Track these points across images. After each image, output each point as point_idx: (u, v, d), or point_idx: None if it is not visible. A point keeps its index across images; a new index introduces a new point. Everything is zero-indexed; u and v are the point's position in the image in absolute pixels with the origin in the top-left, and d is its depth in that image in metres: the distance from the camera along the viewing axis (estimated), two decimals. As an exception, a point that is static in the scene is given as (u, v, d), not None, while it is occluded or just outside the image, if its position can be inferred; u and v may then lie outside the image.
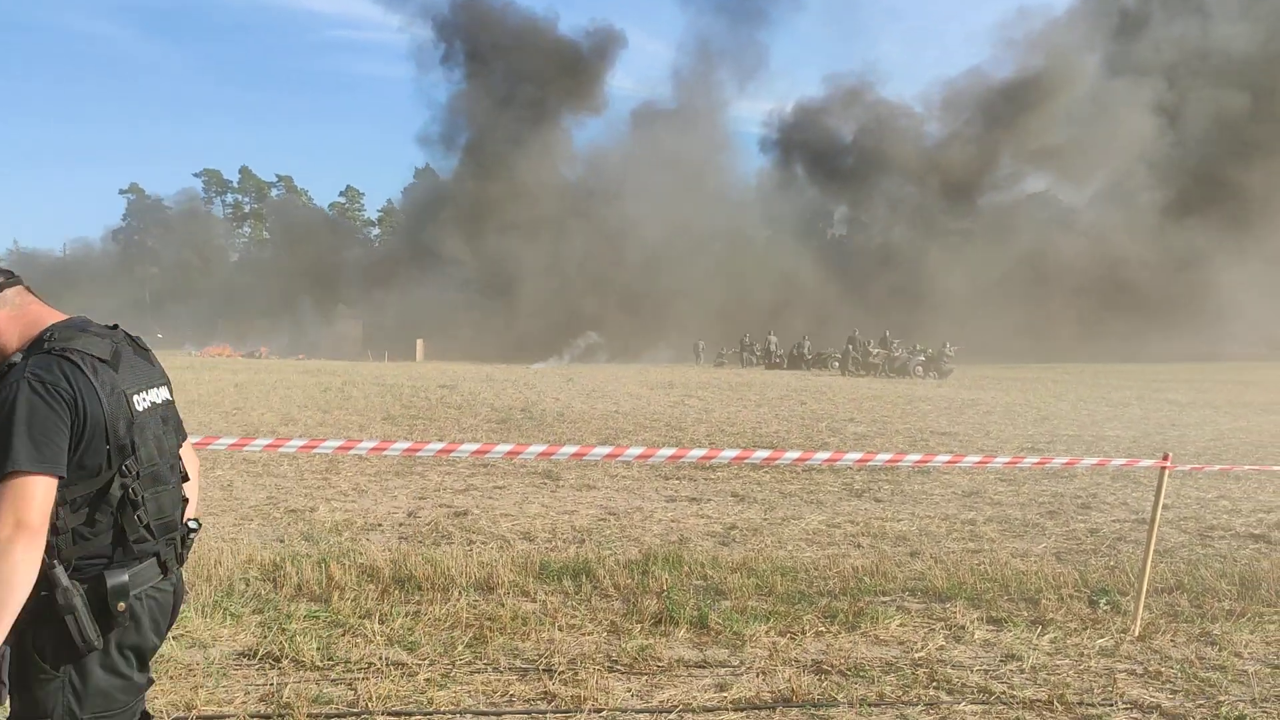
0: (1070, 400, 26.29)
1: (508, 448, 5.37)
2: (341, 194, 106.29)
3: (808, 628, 5.54)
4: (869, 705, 4.49)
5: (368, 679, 4.56)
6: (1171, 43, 68.14)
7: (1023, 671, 5.01)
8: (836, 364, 46.28)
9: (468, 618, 5.50)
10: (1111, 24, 70.42)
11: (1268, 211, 62.01)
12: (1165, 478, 5.73)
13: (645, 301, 62.68)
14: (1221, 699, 4.70)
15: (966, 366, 46.61)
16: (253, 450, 7.48)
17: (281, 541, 7.41)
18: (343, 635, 5.20)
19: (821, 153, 77.60)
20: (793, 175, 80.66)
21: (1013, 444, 15.34)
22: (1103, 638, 5.55)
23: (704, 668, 4.93)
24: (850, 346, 45.24)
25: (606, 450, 5.39)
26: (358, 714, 4.22)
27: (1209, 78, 65.95)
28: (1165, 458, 5.70)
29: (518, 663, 4.90)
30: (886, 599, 6.22)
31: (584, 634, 5.37)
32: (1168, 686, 4.88)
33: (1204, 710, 4.56)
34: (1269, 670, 5.14)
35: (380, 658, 4.86)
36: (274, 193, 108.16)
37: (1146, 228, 64.27)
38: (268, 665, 4.77)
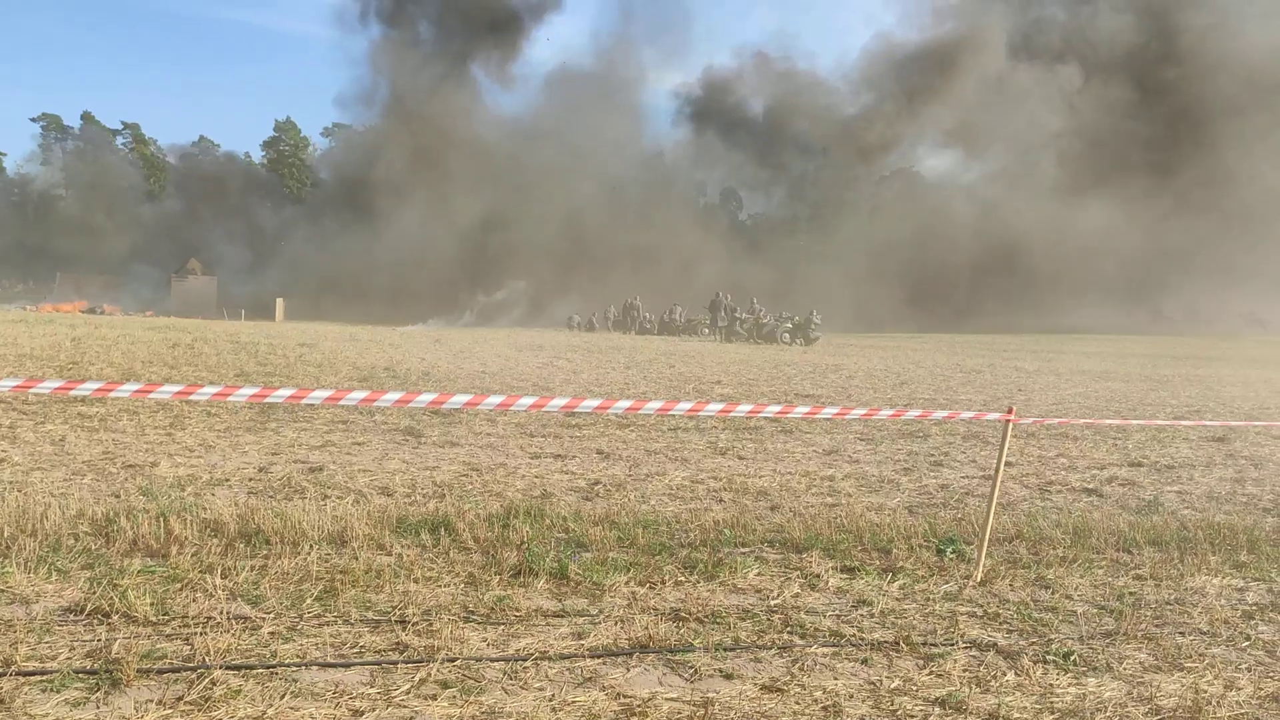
0: (928, 366, 27.38)
1: (363, 394, 5.17)
2: (194, 144, 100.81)
3: (668, 578, 5.56)
4: (724, 650, 4.53)
5: (206, 633, 4.34)
6: (1057, 28, 71.24)
7: (872, 616, 5.16)
8: (706, 329, 46.96)
9: (318, 571, 5.30)
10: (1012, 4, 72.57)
11: (1149, 197, 65.97)
12: (1009, 430, 5.97)
13: (554, 262, 62.43)
14: (1052, 637, 4.95)
15: (841, 335, 48.04)
16: (82, 395, 7.02)
17: (117, 497, 6.99)
18: (181, 590, 4.93)
19: (731, 124, 78.14)
20: (705, 146, 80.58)
21: (873, 405, 15.85)
22: (948, 583, 5.77)
23: (562, 617, 4.89)
24: (720, 312, 45.86)
25: (466, 398, 5.26)
26: (194, 668, 4.00)
27: (1098, 67, 69.40)
28: (1010, 411, 5.95)
29: (370, 615, 4.75)
30: (746, 550, 6.31)
31: (440, 586, 5.25)
32: (1004, 626, 5.10)
33: (1036, 647, 4.78)
34: (1095, 610, 5.44)
35: (221, 611, 4.63)
36: (119, 141, 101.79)
37: (1037, 206, 67.52)
38: (96, 621, 4.48)
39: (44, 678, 3.84)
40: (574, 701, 3.91)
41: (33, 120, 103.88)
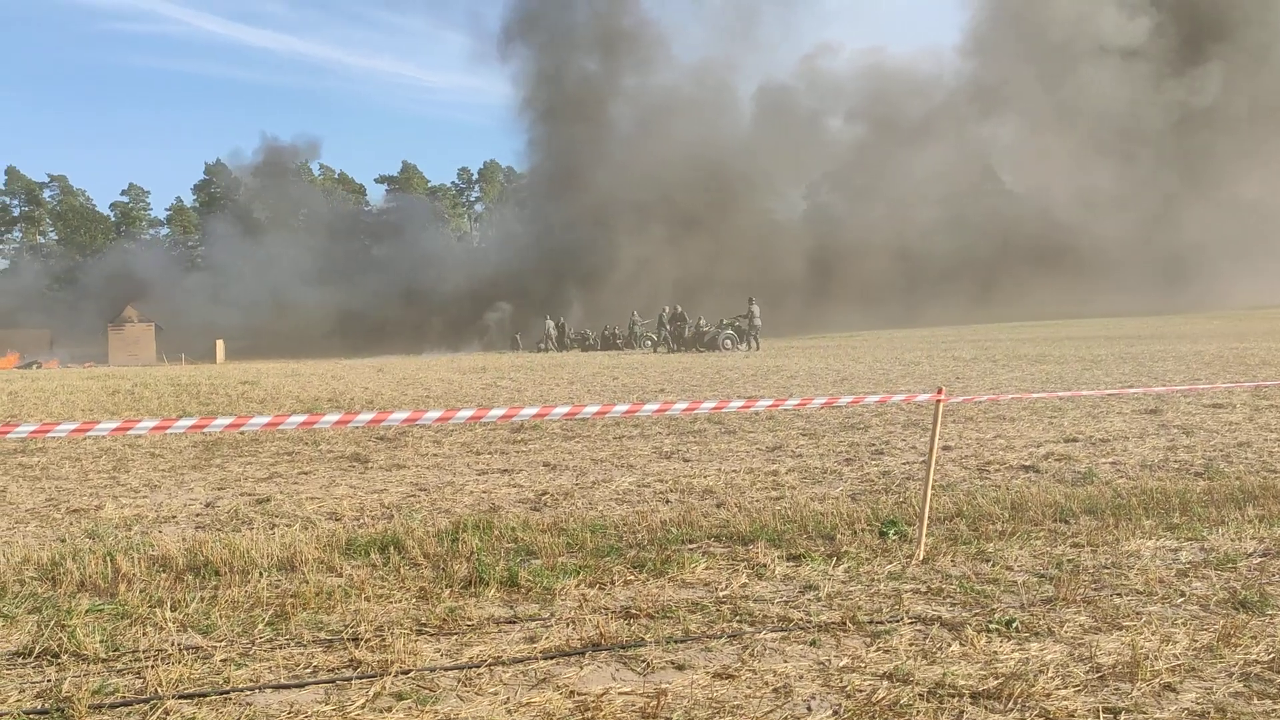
0: (867, 362, 27.80)
1: (301, 418, 5.19)
2: (124, 193, 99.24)
3: (617, 578, 5.64)
4: (675, 642, 4.62)
5: (157, 665, 4.32)
6: None
7: (819, 599, 5.28)
8: (650, 342, 47.13)
9: (268, 597, 5.29)
10: None
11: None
12: (940, 410, 6.16)
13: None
14: (995, 606, 5.11)
15: (796, 339, 48.45)
16: (19, 438, 6.92)
17: (63, 541, 6.89)
18: (130, 626, 4.90)
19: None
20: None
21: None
22: (891, 564, 5.92)
23: (514, 623, 4.94)
24: (664, 324, 46.00)
25: (405, 415, 5.30)
26: (146, 700, 3.99)
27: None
28: (939, 391, 6.13)
29: (322, 635, 4.76)
30: (693, 546, 6.41)
31: (392, 602, 5.27)
32: (948, 600, 5.25)
33: (979, 617, 4.93)
34: (1035, 579, 5.62)
35: (172, 643, 4.61)
36: (46, 194, 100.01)
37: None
38: (45, 662, 4.43)
39: (-8, 721, 3.81)
40: (529, 703, 3.97)
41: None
